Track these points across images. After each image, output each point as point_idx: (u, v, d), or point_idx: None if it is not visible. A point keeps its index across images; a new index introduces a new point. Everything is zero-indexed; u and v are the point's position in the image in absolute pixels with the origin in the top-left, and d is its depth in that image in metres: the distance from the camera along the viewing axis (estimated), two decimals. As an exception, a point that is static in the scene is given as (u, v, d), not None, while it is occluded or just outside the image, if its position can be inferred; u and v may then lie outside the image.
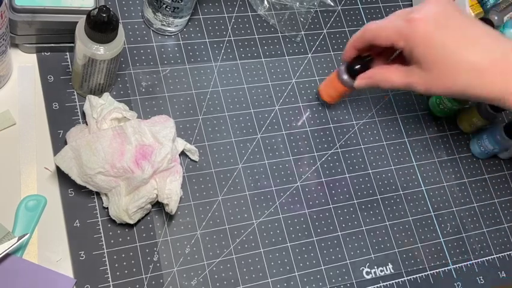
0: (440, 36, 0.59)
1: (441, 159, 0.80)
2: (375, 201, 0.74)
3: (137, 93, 0.69)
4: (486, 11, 0.84)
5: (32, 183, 0.61)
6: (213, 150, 0.69)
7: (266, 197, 0.69)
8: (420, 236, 0.74)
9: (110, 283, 0.60)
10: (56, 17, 0.63)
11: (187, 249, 0.64)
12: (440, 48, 0.59)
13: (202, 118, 0.70)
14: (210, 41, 0.75)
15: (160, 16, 0.70)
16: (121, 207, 0.59)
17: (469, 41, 0.59)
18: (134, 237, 0.63)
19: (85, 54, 0.59)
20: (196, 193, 0.67)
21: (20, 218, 0.59)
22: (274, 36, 0.78)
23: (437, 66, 0.59)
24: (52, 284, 0.57)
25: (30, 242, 0.59)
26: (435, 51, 0.59)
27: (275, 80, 0.76)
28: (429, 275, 0.72)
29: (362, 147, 0.76)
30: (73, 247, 0.60)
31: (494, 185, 0.81)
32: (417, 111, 0.81)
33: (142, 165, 0.59)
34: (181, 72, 0.72)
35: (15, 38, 0.64)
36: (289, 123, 0.74)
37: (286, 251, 0.67)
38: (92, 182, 0.59)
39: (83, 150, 0.58)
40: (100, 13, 0.55)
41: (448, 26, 0.59)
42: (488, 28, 0.61)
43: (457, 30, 0.59)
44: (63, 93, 0.66)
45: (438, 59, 0.59)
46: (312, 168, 0.72)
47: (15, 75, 0.66)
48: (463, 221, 0.77)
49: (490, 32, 0.61)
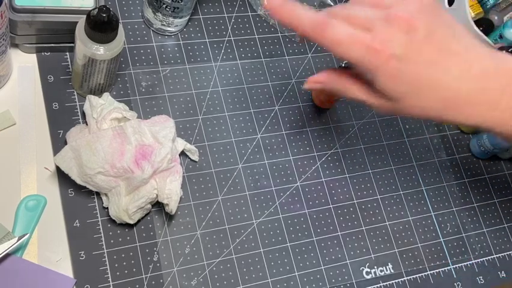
0: (412, 70, 0.49)
1: (441, 159, 0.80)
2: (375, 201, 0.74)
3: (137, 93, 0.69)
4: (486, 11, 0.84)
5: (32, 183, 0.61)
6: (213, 150, 0.69)
7: (266, 197, 0.69)
8: (420, 236, 0.74)
9: (110, 283, 0.60)
10: (56, 17, 0.62)
11: (187, 249, 0.64)
12: (410, 84, 0.50)
13: (202, 118, 0.70)
14: (210, 41, 0.75)
15: (160, 16, 0.70)
16: (121, 207, 0.59)
17: (444, 63, 0.50)
18: (134, 237, 0.62)
19: (85, 54, 0.59)
20: (196, 193, 0.67)
21: (20, 218, 0.59)
22: (274, 36, 0.78)
23: (406, 99, 0.51)
24: (52, 284, 0.57)
25: (30, 242, 0.59)
26: (404, 88, 0.50)
27: (275, 80, 0.76)
28: (429, 275, 0.72)
29: (362, 147, 0.76)
30: (73, 247, 0.60)
31: (494, 185, 0.81)
32: (417, 111, 0.81)
33: (142, 165, 0.59)
34: (181, 72, 0.72)
35: (15, 38, 0.64)
36: (289, 123, 0.74)
37: (286, 251, 0.67)
38: (92, 182, 0.59)
39: (83, 150, 0.58)
40: (100, 13, 0.55)
41: (427, 44, 0.49)
42: (473, 41, 0.52)
43: (436, 51, 0.50)
44: (63, 93, 0.66)
45: (407, 94, 0.51)
46: (312, 168, 0.72)
47: (15, 75, 0.65)
48: (463, 221, 0.77)
49: (474, 47, 0.51)
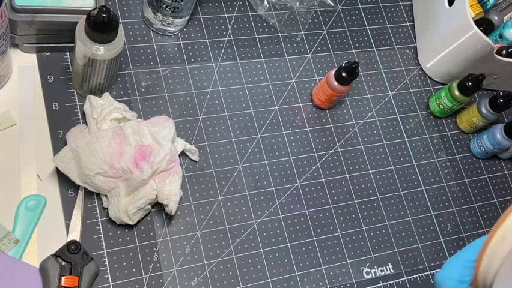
0: None
1: (441, 159, 0.80)
2: (375, 201, 0.74)
3: (137, 93, 0.69)
4: (486, 11, 0.84)
5: (32, 183, 0.61)
6: (213, 150, 0.69)
7: (266, 197, 0.69)
8: (420, 236, 0.74)
9: (110, 283, 0.60)
10: (56, 17, 0.62)
11: (187, 249, 0.64)
12: None
13: (202, 118, 0.70)
14: (210, 41, 0.75)
15: (160, 16, 0.70)
16: (120, 208, 0.59)
17: None
18: (134, 238, 0.62)
19: (85, 54, 0.59)
20: (196, 193, 0.67)
21: (20, 218, 0.59)
22: (274, 36, 0.78)
23: None
24: (16, 273, 0.57)
25: (30, 242, 0.59)
26: None
27: (275, 80, 0.76)
28: (429, 275, 0.72)
29: (362, 147, 0.76)
30: (73, 247, 0.60)
31: (494, 185, 0.81)
32: (417, 111, 0.81)
33: (141, 166, 0.59)
34: (181, 72, 0.72)
35: (15, 38, 0.64)
36: (289, 123, 0.74)
37: (286, 251, 0.67)
38: (91, 182, 0.59)
39: (82, 151, 0.58)
40: (100, 13, 0.55)
41: None
42: None
43: None
44: (63, 93, 0.66)
45: None
46: (312, 168, 0.72)
47: (15, 75, 0.65)
48: (463, 221, 0.77)
49: None
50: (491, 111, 0.78)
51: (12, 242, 0.58)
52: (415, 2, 0.87)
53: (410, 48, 0.85)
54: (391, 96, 0.81)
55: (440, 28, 0.80)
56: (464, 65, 0.79)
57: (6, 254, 0.57)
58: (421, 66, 0.84)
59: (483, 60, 0.77)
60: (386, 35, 0.84)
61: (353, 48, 0.81)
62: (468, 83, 0.76)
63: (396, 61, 0.83)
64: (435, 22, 0.81)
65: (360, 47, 0.82)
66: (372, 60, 0.82)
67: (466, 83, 0.76)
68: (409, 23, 0.87)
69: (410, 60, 0.84)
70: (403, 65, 0.83)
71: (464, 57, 0.78)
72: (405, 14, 0.87)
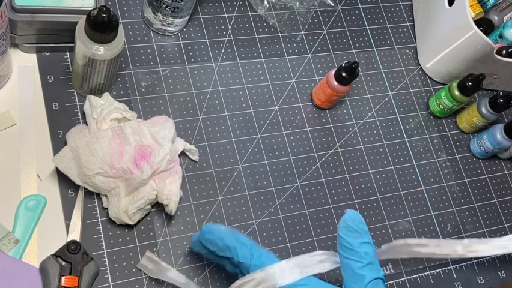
0: None
1: (441, 159, 0.80)
2: (375, 201, 0.74)
3: (137, 93, 0.69)
4: (486, 11, 0.85)
5: (32, 183, 0.61)
6: (213, 150, 0.69)
7: (266, 197, 0.69)
8: (420, 236, 0.74)
9: (110, 283, 0.60)
10: (56, 17, 0.62)
11: (187, 249, 0.64)
12: None
13: (202, 118, 0.70)
14: (210, 41, 0.75)
15: (160, 16, 0.70)
16: (120, 208, 0.59)
17: None
18: (134, 238, 0.62)
19: (85, 54, 0.59)
20: (196, 193, 0.67)
21: (20, 218, 0.59)
22: (274, 36, 0.78)
23: None
24: (17, 273, 0.57)
25: (30, 242, 0.59)
26: None
27: (275, 80, 0.76)
28: (429, 275, 0.72)
29: (362, 147, 0.76)
30: (73, 247, 0.60)
31: (494, 185, 0.81)
32: (417, 111, 0.81)
33: (141, 166, 0.59)
34: (181, 72, 0.72)
35: (15, 38, 0.64)
36: (289, 123, 0.74)
37: (286, 250, 0.67)
38: (91, 182, 0.59)
39: (82, 151, 0.58)
40: (100, 13, 0.55)
41: None
42: None
43: None
44: (63, 93, 0.66)
45: None
46: (312, 168, 0.72)
47: (15, 75, 0.65)
48: (463, 221, 0.77)
49: None
50: (491, 111, 0.78)
51: (12, 242, 0.58)
52: (415, 2, 0.87)
53: (410, 48, 0.85)
54: (391, 96, 0.81)
55: (440, 28, 0.80)
56: (464, 65, 0.79)
57: (6, 254, 0.57)
58: (421, 66, 0.84)
59: (483, 60, 0.77)
60: (386, 35, 0.84)
61: (353, 48, 0.82)
62: (468, 83, 0.76)
63: (396, 61, 0.83)
64: (435, 22, 0.81)
65: (360, 47, 0.82)
66: (372, 60, 0.82)
67: (465, 83, 0.76)
68: (409, 23, 0.87)
69: (410, 60, 0.84)
70: (403, 65, 0.83)
71: (464, 57, 0.78)
72: (405, 14, 0.87)
